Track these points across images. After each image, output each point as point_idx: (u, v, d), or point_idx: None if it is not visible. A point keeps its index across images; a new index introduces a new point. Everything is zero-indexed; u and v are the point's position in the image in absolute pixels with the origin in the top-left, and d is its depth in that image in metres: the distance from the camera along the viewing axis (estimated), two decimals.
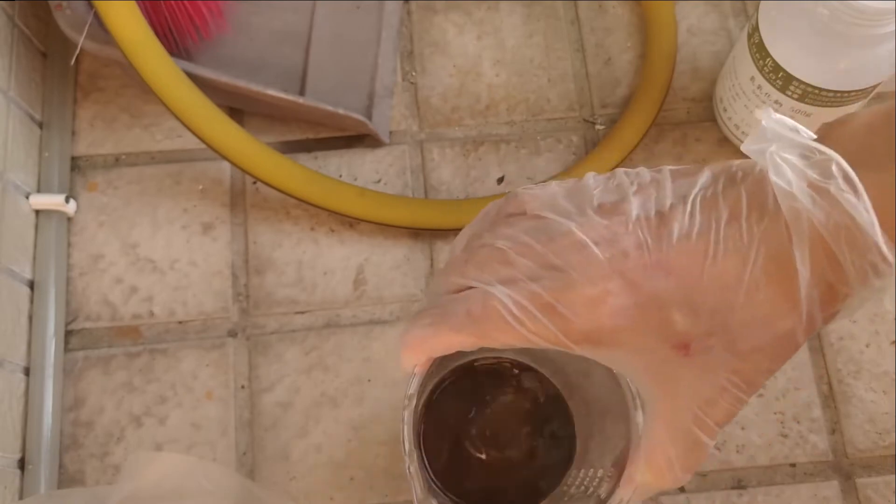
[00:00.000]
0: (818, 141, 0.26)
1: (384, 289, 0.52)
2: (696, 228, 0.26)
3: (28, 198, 0.51)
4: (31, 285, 0.51)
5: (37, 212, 0.52)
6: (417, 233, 0.53)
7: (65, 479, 0.48)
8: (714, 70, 0.57)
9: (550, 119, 0.56)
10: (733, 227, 0.26)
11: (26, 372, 0.49)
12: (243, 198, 0.54)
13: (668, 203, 0.27)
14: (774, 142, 0.26)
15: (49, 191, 0.53)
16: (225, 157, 0.49)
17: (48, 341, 0.49)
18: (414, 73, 0.57)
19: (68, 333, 0.51)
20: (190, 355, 0.51)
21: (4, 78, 0.50)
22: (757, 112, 0.28)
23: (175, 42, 0.53)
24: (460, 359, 0.43)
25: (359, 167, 0.55)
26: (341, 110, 0.52)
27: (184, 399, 0.50)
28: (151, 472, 0.40)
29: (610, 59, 0.57)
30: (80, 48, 0.49)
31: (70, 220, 0.53)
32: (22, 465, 0.47)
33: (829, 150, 0.25)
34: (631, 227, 0.27)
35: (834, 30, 0.43)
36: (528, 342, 0.27)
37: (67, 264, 0.52)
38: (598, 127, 0.56)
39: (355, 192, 0.51)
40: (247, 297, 0.52)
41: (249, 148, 0.50)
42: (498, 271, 0.28)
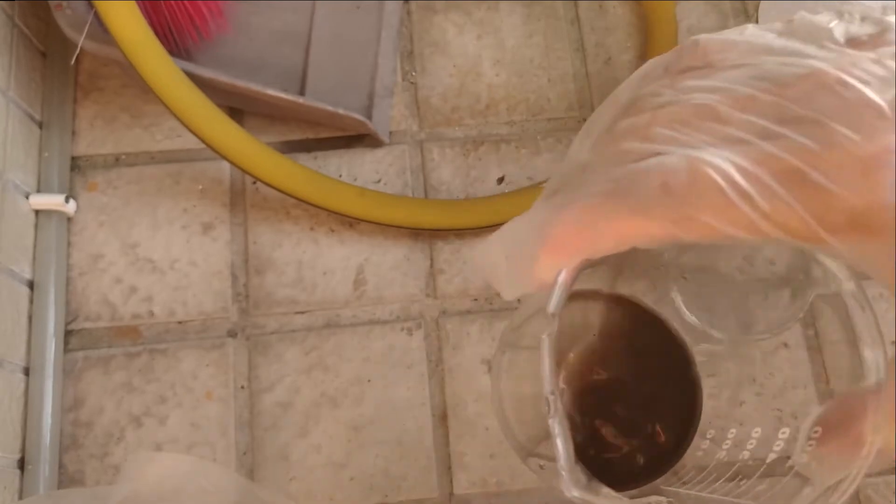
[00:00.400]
0: None
1: (384, 289, 0.52)
2: None
3: (28, 198, 0.51)
4: (31, 285, 0.51)
5: (36, 212, 0.52)
6: (417, 233, 0.53)
7: (64, 479, 0.48)
8: None
9: (550, 119, 0.56)
10: None
11: (26, 372, 0.49)
12: (243, 198, 0.54)
13: None
14: None
15: (49, 191, 0.53)
16: (225, 157, 0.49)
17: (48, 341, 0.49)
18: (414, 73, 0.57)
19: (68, 333, 0.51)
20: (190, 355, 0.51)
21: (4, 78, 0.50)
22: None
23: (175, 42, 0.53)
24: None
25: (359, 167, 0.55)
26: (341, 110, 0.52)
27: (184, 399, 0.50)
28: (151, 473, 0.40)
29: (610, 58, 0.57)
30: (80, 48, 0.49)
31: (70, 219, 0.53)
32: (22, 465, 0.47)
33: None
34: None
35: None
36: (752, 230, 0.19)
37: (67, 264, 0.52)
38: None
39: (355, 191, 0.51)
40: (246, 297, 0.52)
41: (249, 148, 0.50)
42: (708, 129, 0.19)
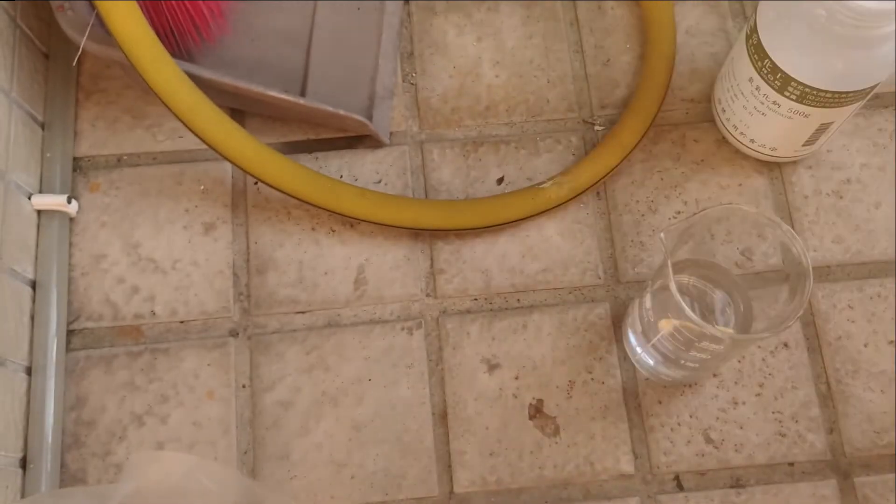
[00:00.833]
0: None
1: (384, 289, 0.52)
2: None
3: (30, 198, 0.52)
4: (34, 285, 0.51)
5: (39, 212, 0.52)
6: (417, 233, 0.53)
7: (66, 478, 0.48)
8: (712, 71, 0.57)
9: (550, 120, 0.56)
10: None
11: (28, 371, 0.49)
12: (244, 198, 0.54)
13: None
14: None
15: (51, 191, 0.53)
16: (226, 158, 0.50)
17: (50, 341, 0.50)
18: (414, 75, 0.57)
19: (70, 333, 0.51)
20: (191, 355, 0.51)
21: (7, 79, 0.50)
22: None
23: (176, 43, 0.53)
24: None
25: (359, 168, 0.55)
26: (342, 111, 0.52)
27: (185, 398, 0.50)
28: (153, 471, 0.40)
29: (609, 60, 0.58)
30: (82, 49, 0.49)
31: (72, 220, 0.53)
32: (24, 464, 0.47)
33: None
34: None
35: (832, 31, 0.43)
36: None
37: (69, 264, 0.52)
38: (597, 128, 0.56)
39: (356, 192, 0.52)
40: (248, 296, 0.52)
41: (250, 148, 0.50)
42: None
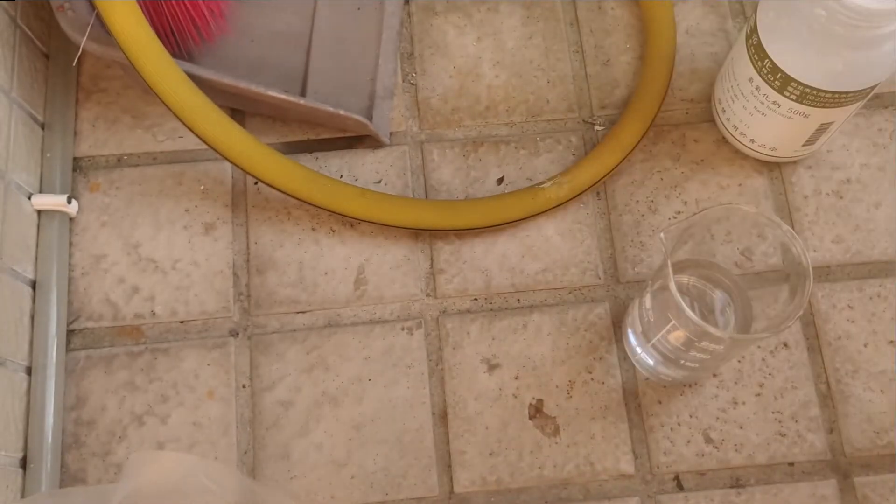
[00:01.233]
0: None
1: (385, 289, 0.52)
2: None
3: (30, 198, 0.52)
4: (33, 285, 0.51)
5: (39, 212, 0.52)
6: (418, 233, 0.53)
7: (66, 477, 0.48)
8: (712, 71, 0.57)
9: (550, 120, 0.56)
10: None
11: (28, 371, 0.49)
12: (245, 198, 0.54)
13: None
14: None
15: (51, 191, 0.53)
16: (226, 158, 0.50)
17: (50, 341, 0.50)
18: (414, 75, 0.57)
19: (70, 333, 0.51)
20: (191, 355, 0.51)
21: (7, 79, 0.51)
22: None
23: (177, 43, 0.53)
24: None
25: (359, 168, 0.55)
26: (342, 111, 0.52)
27: (185, 398, 0.50)
28: (153, 471, 0.40)
29: (609, 60, 0.58)
30: (82, 49, 0.49)
31: (72, 220, 0.53)
32: (24, 464, 0.47)
33: None
34: None
35: (832, 31, 0.43)
36: None
37: (69, 264, 0.52)
38: (597, 128, 0.56)
39: (356, 192, 0.52)
40: (248, 296, 0.52)
41: (251, 149, 0.50)
42: None
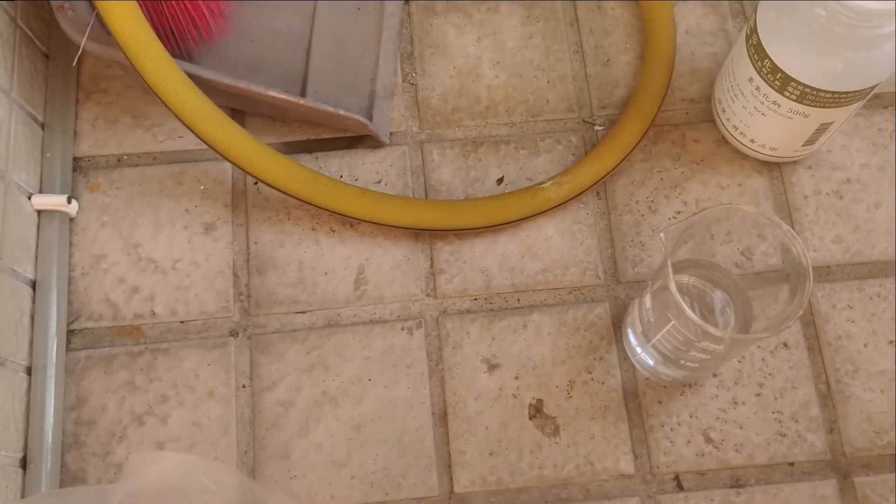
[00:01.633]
0: None
1: (385, 289, 0.52)
2: None
3: (30, 198, 0.52)
4: (33, 285, 0.51)
5: (39, 212, 0.52)
6: (418, 233, 0.53)
7: (66, 478, 0.48)
8: (712, 71, 0.57)
9: (550, 120, 0.56)
10: None
11: (28, 371, 0.49)
12: (245, 198, 0.54)
13: None
14: None
15: (51, 191, 0.53)
16: (226, 158, 0.50)
17: (50, 341, 0.50)
18: (414, 75, 0.57)
19: (70, 333, 0.51)
20: (191, 355, 0.51)
21: (7, 79, 0.51)
22: None
23: (176, 43, 0.53)
24: None
25: (359, 168, 0.55)
26: (342, 111, 0.52)
27: (185, 398, 0.50)
28: (153, 471, 0.40)
29: (609, 60, 0.58)
30: (82, 49, 0.49)
31: (72, 220, 0.53)
32: (24, 464, 0.47)
33: None
34: None
35: (832, 31, 0.43)
36: None
37: (69, 264, 0.52)
38: (597, 128, 0.56)
39: (356, 192, 0.52)
40: (248, 296, 0.52)
41: (251, 149, 0.50)
42: None
